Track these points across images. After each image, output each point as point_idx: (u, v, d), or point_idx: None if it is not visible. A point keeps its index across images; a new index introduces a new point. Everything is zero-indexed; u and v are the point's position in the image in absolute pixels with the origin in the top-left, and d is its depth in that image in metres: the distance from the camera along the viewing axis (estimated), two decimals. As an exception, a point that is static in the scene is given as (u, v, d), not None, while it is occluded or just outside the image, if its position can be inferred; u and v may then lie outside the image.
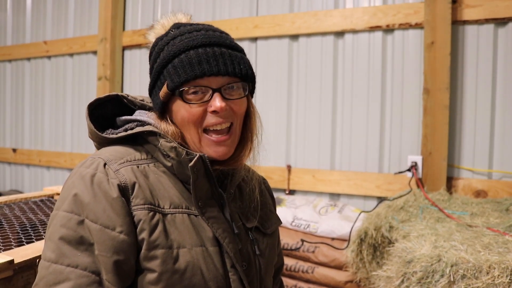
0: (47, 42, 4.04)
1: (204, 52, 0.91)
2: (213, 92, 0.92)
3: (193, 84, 0.91)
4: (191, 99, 0.92)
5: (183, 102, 0.92)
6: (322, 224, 2.45)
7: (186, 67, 0.90)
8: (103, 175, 0.87)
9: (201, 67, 0.90)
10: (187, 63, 0.90)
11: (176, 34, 0.96)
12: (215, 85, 0.92)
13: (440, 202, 2.22)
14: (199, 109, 0.92)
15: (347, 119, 2.84)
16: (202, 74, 0.90)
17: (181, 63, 0.91)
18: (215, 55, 0.91)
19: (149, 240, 0.85)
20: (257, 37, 3.11)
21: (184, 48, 0.92)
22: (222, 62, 0.91)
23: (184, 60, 0.91)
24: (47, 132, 4.12)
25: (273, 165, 3.03)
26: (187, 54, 0.91)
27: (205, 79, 0.91)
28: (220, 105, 0.90)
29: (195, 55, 0.91)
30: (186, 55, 0.91)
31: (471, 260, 1.38)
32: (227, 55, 0.93)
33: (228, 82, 0.93)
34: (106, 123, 1.02)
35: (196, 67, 0.90)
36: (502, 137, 2.45)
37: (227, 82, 0.93)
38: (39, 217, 1.73)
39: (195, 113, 0.92)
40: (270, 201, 1.21)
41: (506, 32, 2.44)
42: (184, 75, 0.90)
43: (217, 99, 0.91)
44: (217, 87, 0.92)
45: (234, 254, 0.93)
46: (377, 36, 2.75)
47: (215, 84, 0.92)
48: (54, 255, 0.82)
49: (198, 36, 0.93)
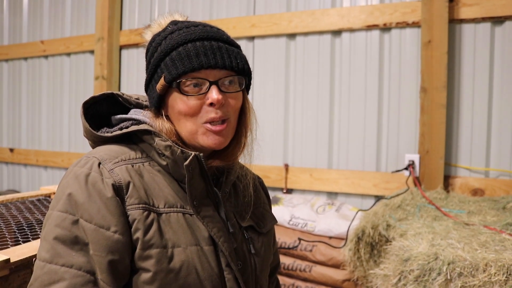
0: (44, 42, 4.03)
1: (202, 45, 0.92)
2: (210, 85, 0.92)
3: (190, 76, 0.91)
4: (188, 91, 0.92)
5: (180, 94, 0.92)
6: (320, 223, 2.45)
7: (184, 59, 0.91)
8: (98, 174, 0.87)
9: (199, 59, 0.90)
10: (185, 55, 0.91)
11: (174, 29, 0.97)
12: (212, 78, 0.92)
13: (437, 200, 2.23)
14: (196, 102, 0.92)
15: (345, 118, 2.84)
16: (199, 67, 0.90)
17: (178, 55, 0.91)
18: (213, 48, 0.92)
19: (143, 239, 0.85)
20: (254, 36, 3.11)
21: (182, 41, 0.92)
22: (219, 56, 0.92)
23: (182, 53, 0.91)
24: (44, 131, 4.11)
25: (271, 164, 3.03)
26: (185, 47, 0.92)
27: (202, 72, 0.91)
28: (217, 97, 0.90)
29: (193, 48, 0.91)
30: (184, 47, 0.92)
31: (468, 258, 1.38)
32: (224, 49, 0.93)
33: (225, 75, 0.94)
34: (101, 122, 1.02)
35: (194, 59, 0.90)
36: (499, 136, 2.46)
37: (224, 76, 0.93)
38: (36, 216, 1.73)
39: (192, 106, 0.92)
40: (265, 200, 1.21)
41: (503, 31, 2.44)
42: (181, 67, 0.91)
43: (214, 91, 0.91)
44: (214, 80, 0.92)
45: (229, 253, 0.93)
46: (374, 35, 2.76)
47: (212, 77, 0.92)
48: (49, 255, 0.82)
49: (196, 30, 0.94)
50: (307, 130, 2.95)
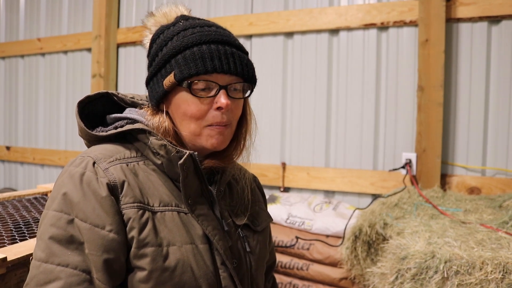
0: (41, 39, 4.01)
1: (217, 49, 0.92)
2: (219, 89, 0.92)
3: (202, 78, 0.91)
4: (198, 93, 0.92)
5: (190, 95, 0.92)
6: (317, 221, 2.45)
7: (197, 61, 0.90)
8: (92, 174, 0.87)
9: (213, 63, 0.90)
10: (199, 57, 0.90)
11: (187, 26, 0.96)
12: (222, 83, 0.93)
13: (434, 199, 2.23)
14: (205, 106, 0.93)
15: (342, 117, 2.85)
16: (213, 70, 0.90)
17: (192, 55, 0.91)
18: (226, 53, 0.92)
19: (138, 238, 0.85)
20: (252, 35, 3.11)
21: (196, 41, 0.92)
22: (232, 62, 0.93)
23: (197, 53, 0.91)
24: (41, 129, 4.10)
25: (268, 162, 3.03)
26: (200, 48, 0.91)
27: (213, 76, 0.92)
28: (225, 102, 0.91)
29: (208, 50, 0.91)
30: (199, 48, 0.91)
31: (464, 256, 1.39)
32: (236, 56, 0.94)
33: (235, 81, 0.94)
34: (96, 121, 1.02)
35: (208, 62, 0.90)
36: (496, 134, 2.47)
37: (233, 82, 0.94)
38: (32, 214, 1.73)
39: (201, 109, 0.92)
40: (261, 199, 1.22)
41: (499, 30, 2.45)
42: (194, 68, 0.90)
43: (223, 96, 0.92)
44: (224, 84, 0.93)
45: (224, 251, 0.93)
46: (372, 34, 2.76)
47: (222, 82, 0.93)
48: (44, 254, 0.82)
49: (210, 31, 0.94)
50: (304, 128, 2.95)
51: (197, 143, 0.96)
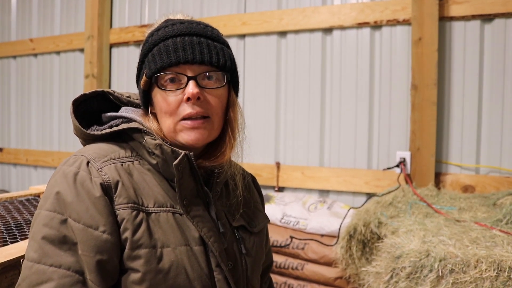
0: (33, 40, 3.98)
1: (182, 40, 0.91)
2: (188, 80, 0.91)
3: (168, 71, 0.91)
4: (166, 86, 0.92)
5: (160, 90, 0.92)
6: (312, 220, 2.45)
7: (162, 55, 0.91)
8: (86, 173, 0.86)
9: (177, 54, 0.90)
10: (164, 51, 0.91)
11: (161, 26, 0.97)
12: (190, 73, 0.91)
13: (429, 197, 2.24)
14: (175, 98, 0.91)
15: (336, 116, 2.84)
16: (177, 62, 0.90)
17: (158, 51, 0.92)
18: (192, 43, 0.92)
19: (132, 239, 0.84)
20: (245, 34, 3.10)
21: (163, 37, 0.93)
22: (198, 51, 0.91)
23: (162, 48, 0.91)
24: (34, 131, 4.07)
25: (262, 162, 3.03)
26: (165, 42, 0.92)
27: (181, 67, 0.91)
28: (192, 91, 0.89)
29: (172, 43, 0.91)
30: (164, 43, 0.92)
31: (459, 254, 1.38)
32: (205, 44, 0.93)
33: (205, 71, 0.93)
34: (92, 120, 1.01)
35: (172, 54, 0.90)
36: (489, 133, 2.47)
37: (204, 71, 0.92)
38: (24, 216, 1.71)
39: (171, 102, 0.92)
40: (258, 199, 1.20)
41: (492, 28, 2.46)
42: (160, 62, 0.91)
43: (190, 85, 0.90)
44: (193, 75, 0.91)
45: (219, 253, 0.92)
46: (365, 33, 2.76)
47: (190, 73, 0.91)
48: (37, 255, 0.80)
49: (180, 27, 0.94)
50: (298, 127, 2.95)
51: (176, 140, 0.94)
